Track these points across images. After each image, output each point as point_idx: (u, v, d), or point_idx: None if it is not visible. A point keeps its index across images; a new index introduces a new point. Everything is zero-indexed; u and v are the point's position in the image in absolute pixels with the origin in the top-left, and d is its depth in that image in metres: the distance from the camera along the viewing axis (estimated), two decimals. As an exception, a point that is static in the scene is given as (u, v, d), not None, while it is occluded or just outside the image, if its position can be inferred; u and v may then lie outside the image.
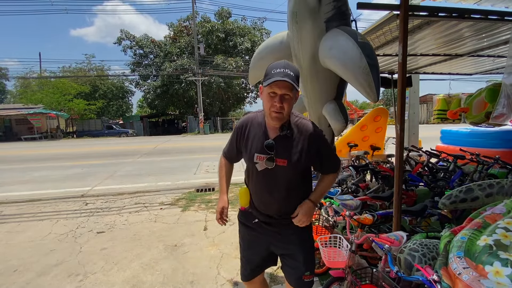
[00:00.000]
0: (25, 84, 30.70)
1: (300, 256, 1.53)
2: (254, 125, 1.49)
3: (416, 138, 6.13)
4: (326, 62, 2.15)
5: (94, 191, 6.05)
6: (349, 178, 3.58)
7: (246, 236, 1.65)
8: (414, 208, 2.34)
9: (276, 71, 1.28)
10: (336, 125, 2.47)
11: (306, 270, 1.54)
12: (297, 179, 1.48)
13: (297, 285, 1.56)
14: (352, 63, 1.88)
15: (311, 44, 2.22)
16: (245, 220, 1.62)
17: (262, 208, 1.54)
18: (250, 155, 1.46)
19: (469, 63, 4.59)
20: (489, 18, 2.28)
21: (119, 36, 29.42)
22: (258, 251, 1.62)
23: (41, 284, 2.65)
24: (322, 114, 2.66)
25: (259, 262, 1.66)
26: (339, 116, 2.43)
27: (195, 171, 7.87)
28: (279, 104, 1.30)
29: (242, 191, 1.58)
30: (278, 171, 1.42)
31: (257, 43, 28.56)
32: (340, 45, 1.96)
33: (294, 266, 1.55)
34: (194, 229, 3.80)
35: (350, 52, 1.89)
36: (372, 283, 1.72)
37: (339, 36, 2.01)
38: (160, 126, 35.53)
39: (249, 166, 1.51)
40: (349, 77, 1.97)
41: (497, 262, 1.13)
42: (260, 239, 1.59)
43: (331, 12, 2.08)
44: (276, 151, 1.40)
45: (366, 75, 1.83)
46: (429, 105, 28.82)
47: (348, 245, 1.90)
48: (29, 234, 3.82)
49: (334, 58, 2.03)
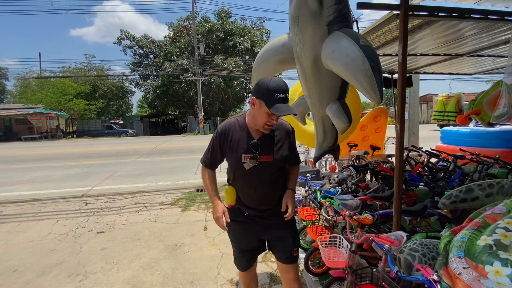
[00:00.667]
0: (25, 84, 30.73)
1: (289, 237, 1.74)
2: (236, 129, 1.65)
3: (416, 138, 6.13)
4: (329, 65, 2.16)
5: (94, 191, 6.06)
6: (349, 178, 3.58)
7: (236, 231, 1.78)
8: (414, 208, 2.34)
9: (279, 96, 1.45)
10: (340, 125, 2.51)
11: (294, 246, 1.76)
12: (279, 172, 1.69)
13: (287, 261, 1.75)
14: (354, 66, 1.88)
15: (314, 47, 2.22)
16: (234, 216, 1.72)
17: (249, 202, 1.70)
18: (237, 156, 1.61)
19: (469, 63, 4.59)
20: (489, 18, 2.27)
21: (119, 36, 29.48)
22: (250, 242, 1.80)
23: (41, 284, 2.65)
24: (325, 114, 2.67)
25: (252, 251, 1.84)
26: (342, 116, 2.46)
27: (195, 171, 7.87)
28: (274, 121, 1.54)
29: (229, 190, 1.72)
30: (263, 167, 1.61)
31: (257, 43, 28.57)
32: (343, 48, 1.96)
33: (285, 245, 1.74)
34: (194, 229, 3.80)
35: (352, 55, 1.89)
36: (372, 283, 1.72)
37: (341, 39, 2.00)
38: (160, 126, 35.54)
39: (235, 166, 1.66)
40: (352, 80, 1.97)
41: (497, 262, 1.13)
42: (250, 230, 1.76)
43: (332, 15, 2.08)
44: (262, 149, 1.60)
45: (369, 78, 1.83)
46: (429, 105, 28.84)
47: (348, 245, 1.90)
48: (29, 234, 3.82)
49: (336, 61, 2.03)
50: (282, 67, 2.81)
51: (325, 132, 2.97)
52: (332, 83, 2.47)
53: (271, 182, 1.67)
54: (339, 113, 2.47)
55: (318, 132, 3.01)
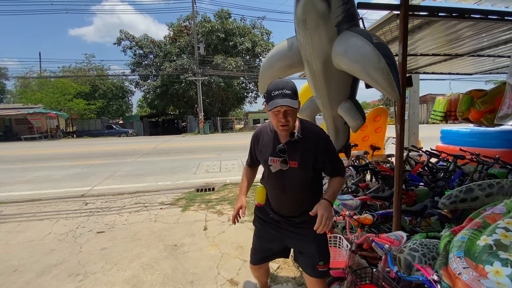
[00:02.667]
0: (25, 84, 30.69)
1: (314, 248, 1.66)
2: (267, 132, 1.69)
3: (416, 138, 6.13)
4: (341, 65, 2.12)
5: (94, 191, 6.05)
6: (349, 178, 3.58)
7: (260, 228, 1.84)
8: (414, 208, 2.34)
9: (275, 93, 1.44)
10: (354, 123, 2.52)
11: (319, 260, 1.66)
12: (307, 180, 1.62)
13: (312, 274, 1.69)
14: (370, 65, 1.85)
15: (324, 49, 2.19)
16: (261, 214, 1.82)
17: (273, 205, 1.72)
18: (264, 158, 1.64)
19: (469, 63, 4.59)
20: (489, 18, 2.28)
21: (118, 36, 29.48)
22: (268, 243, 1.82)
23: (41, 284, 2.65)
24: (337, 114, 2.67)
25: (268, 252, 1.86)
26: (356, 114, 2.47)
27: (195, 171, 7.87)
28: (284, 119, 1.47)
29: (259, 189, 1.74)
30: (289, 172, 1.57)
31: (257, 43, 28.57)
32: (355, 48, 1.93)
33: (308, 257, 1.68)
34: (194, 229, 3.80)
35: (367, 54, 1.86)
36: (372, 283, 1.72)
37: (353, 38, 1.98)
38: (160, 126, 35.53)
39: (265, 168, 1.70)
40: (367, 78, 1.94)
41: (497, 262, 1.13)
42: (272, 233, 1.77)
43: (341, 15, 2.05)
44: (288, 154, 1.56)
45: (387, 75, 1.81)
46: (429, 105, 28.84)
47: (348, 245, 1.90)
48: (29, 234, 3.82)
49: (350, 61, 2.00)
50: (289, 71, 2.78)
51: (337, 131, 2.96)
52: (343, 83, 2.47)
53: (297, 189, 1.62)
54: (352, 111, 2.48)
55: (331, 133, 3.00)
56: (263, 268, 1.98)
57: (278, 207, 1.71)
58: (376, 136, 5.66)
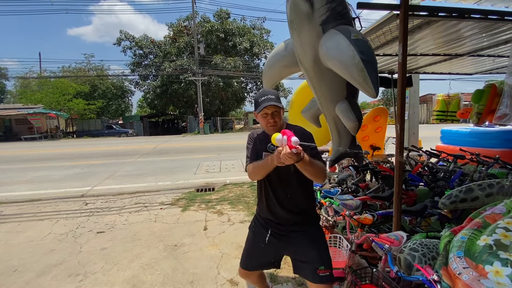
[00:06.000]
0: (25, 84, 30.69)
1: (312, 252, 1.66)
2: (258, 135, 1.84)
3: (416, 138, 6.13)
4: (326, 63, 2.17)
5: (94, 191, 6.06)
6: (349, 178, 3.58)
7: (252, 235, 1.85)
8: (414, 208, 2.34)
9: (262, 99, 1.65)
10: (349, 124, 2.51)
11: (320, 264, 1.63)
12: (298, 175, 1.64)
13: (313, 280, 1.64)
14: (346, 61, 1.89)
15: (311, 48, 2.23)
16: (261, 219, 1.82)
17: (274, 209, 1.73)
18: (259, 154, 1.76)
19: (469, 63, 4.59)
20: (489, 18, 2.27)
21: (118, 37, 29.44)
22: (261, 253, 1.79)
23: (41, 284, 2.65)
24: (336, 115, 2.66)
25: (260, 262, 1.84)
26: (350, 114, 2.45)
27: (195, 171, 7.87)
28: (272, 119, 1.66)
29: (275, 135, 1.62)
30: (282, 169, 1.61)
31: (256, 43, 28.56)
32: (335, 45, 1.98)
33: (307, 262, 1.67)
34: (194, 229, 3.80)
35: (343, 50, 1.90)
36: (372, 283, 1.72)
37: (334, 36, 2.02)
38: (160, 126, 35.51)
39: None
40: (346, 75, 1.99)
41: (497, 262, 1.13)
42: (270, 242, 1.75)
43: (325, 15, 2.09)
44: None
45: (360, 71, 1.84)
46: (429, 105, 28.82)
47: (348, 245, 1.90)
48: (29, 234, 3.82)
49: (332, 58, 2.05)
50: (288, 71, 2.82)
51: (339, 133, 2.94)
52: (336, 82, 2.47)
53: (292, 185, 1.70)
54: (347, 111, 2.46)
55: (333, 134, 3.00)
56: (255, 274, 1.96)
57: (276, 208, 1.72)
58: (376, 136, 5.65)
